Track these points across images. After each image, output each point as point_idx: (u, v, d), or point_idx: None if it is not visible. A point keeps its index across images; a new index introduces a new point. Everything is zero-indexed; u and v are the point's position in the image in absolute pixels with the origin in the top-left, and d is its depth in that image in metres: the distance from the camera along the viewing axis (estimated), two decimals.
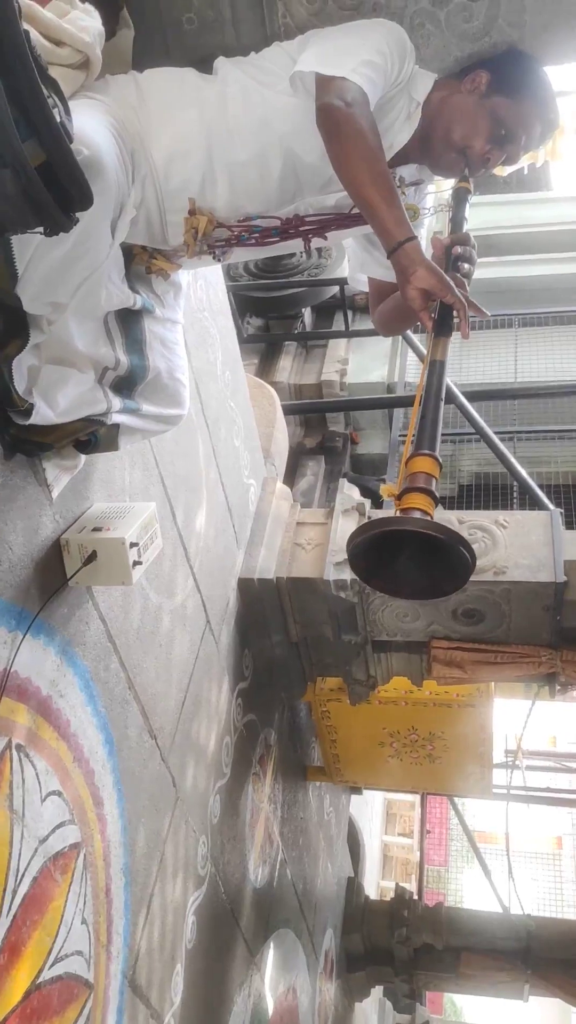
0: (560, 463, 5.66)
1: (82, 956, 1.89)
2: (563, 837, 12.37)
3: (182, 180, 1.64)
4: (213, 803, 2.90)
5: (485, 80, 1.75)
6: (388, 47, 1.65)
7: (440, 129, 1.75)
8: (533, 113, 1.75)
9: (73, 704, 1.89)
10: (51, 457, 1.78)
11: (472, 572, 1.43)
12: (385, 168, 1.57)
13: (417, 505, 1.42)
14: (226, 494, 3.15)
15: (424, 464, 1.47)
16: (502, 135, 1.74)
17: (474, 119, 1.73)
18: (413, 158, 1.83)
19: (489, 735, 4.20)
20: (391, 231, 1.54)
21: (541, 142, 1.82)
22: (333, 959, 5.05)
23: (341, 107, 1.55)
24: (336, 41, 1.69)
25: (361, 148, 1.54)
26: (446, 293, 1.54)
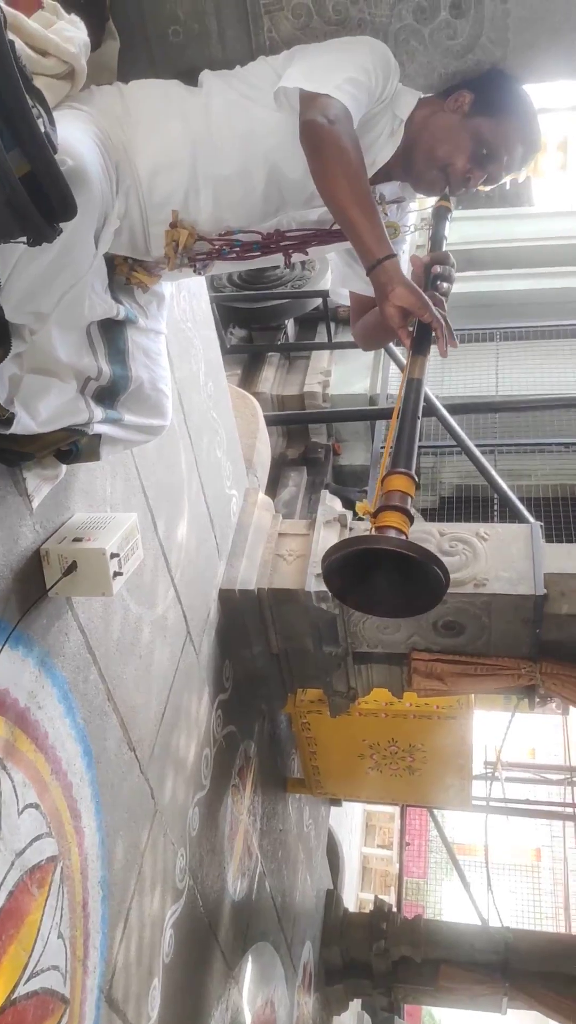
0: (540, 476, 5.68)
1: (58, 971, 1.87)
2: (542, 849, 12.38)
3: (166, 192, 1.65)
4: (192, 815, 2.89)
5: (468, 100, 1.76)
6: (372, 65, 1.66)
7: (423, 147, 1.76)
8: (515, 134, 1.76)
9: (51, 716, 1.87)
10: (32, 467, 1.77)
11: (445, 591, 1.44)
12: (366, 186, 1.58)
13: (392, 523, 1.43)
14: (208, 505, 3.15)
15: (399, 482, 1.48)
16: (483, 155, 1.75)
17: (456, 138, 1.74)
18: (396, 175, 1.84)
19: (469, 747, 4.20)
20: (371, 248, 1.55)
21: (523, 163, 1.83)
22: (311, 972, 5.03)
23: (324, 124, 1.56)
24: (321, 57, 1.70)
25: (343, 165, 1.55)
26: (424, 311, 1.55)
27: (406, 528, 1.43)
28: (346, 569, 1.46)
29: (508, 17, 1.85)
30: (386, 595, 1.51)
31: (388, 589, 1.49)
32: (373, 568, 1.47)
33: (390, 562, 1.43)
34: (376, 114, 1.73)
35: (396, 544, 1.38)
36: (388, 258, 1.55)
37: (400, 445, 1.53)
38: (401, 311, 1.56)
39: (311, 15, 1.87)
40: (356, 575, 1.48)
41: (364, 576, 1.48)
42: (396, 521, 1.43)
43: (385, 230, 1.59)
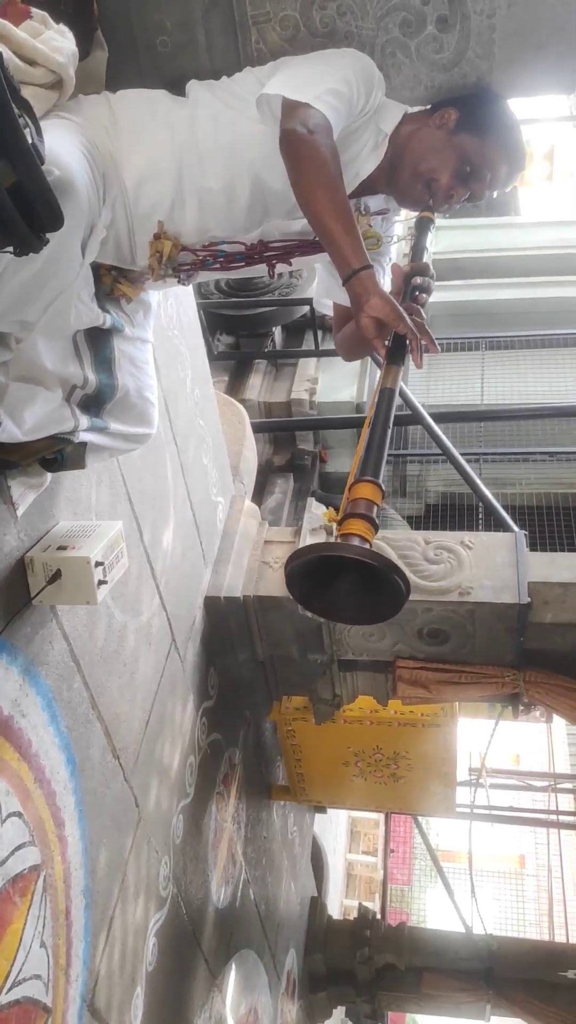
0: (525, 485, 5.72)
1: (40, 980, 1.86)
2: (526, 856, 12.40)
3: (151, 202, 1.65)
4: (176, 823, 2.88)
5: (454, 117, 1.77)
6: (355, 77, 1.67)
7: (407, 162, 1.77)
8: (499, 153, 1.77)
9: (35, 724, 1.87)
10: (17, 475, 1.77)
11: (405, 599, 1.44)
12: (343, 196, 1.58)
13: (356, 531, 1.44)
14: (194, 512, 3.15)
15: (366, 491, 1.49)
16: (467, 172, 1.76)
17: (441, 154, 1.75)
18: (380, 188, 1.85)
19: (453, 754, 4.21)
20: (347, 258, 1.56)
21: (507, 182, 1.84)
22: (295, 980, 5.02)
23: (303, 134, 1.56)
24: (304, 68, 1.70)
25: (321, 175, 1.56)
26: (399, 323, 1.56)
27: (370, 536, 1.44)
28: (310, 576, 1.46)
29: (494, 32, 1.86)
30: (349, 602, 1.51)
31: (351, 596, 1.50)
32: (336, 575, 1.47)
33: (352, 570, 1.43)
34: (359, 127, 1.74)
35: (357, 552, 1.38)
36: (364, 269, 1.55)
37: (369, 454, 1.54)
38: (376, 322, 1.56)
39: (298, 27, 1.88)
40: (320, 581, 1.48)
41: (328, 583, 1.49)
42: (360, 529, 1.44)
43: (362, 241, 1.59)
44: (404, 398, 4.90)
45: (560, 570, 3.09)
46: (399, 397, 1.70)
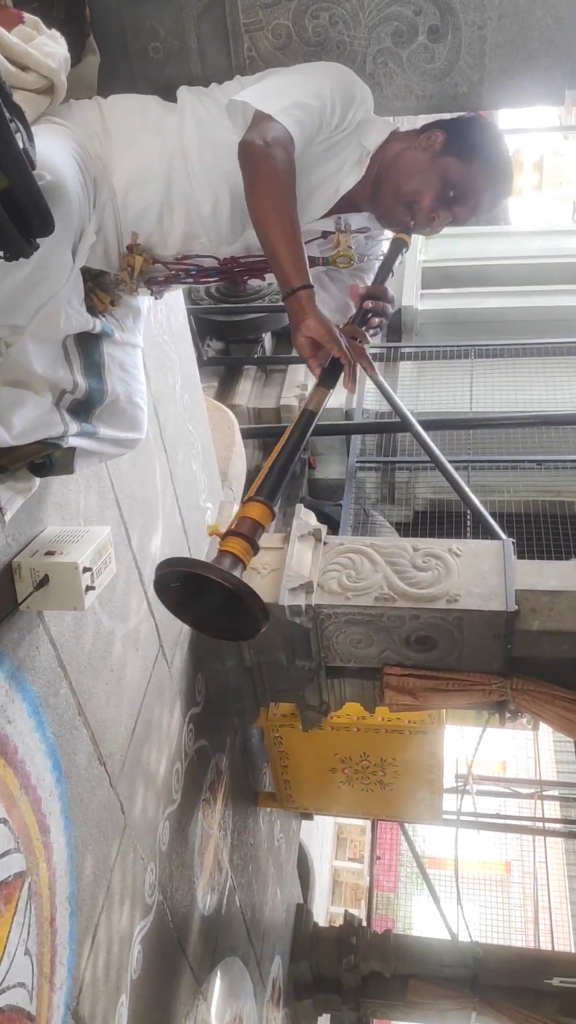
0: (513, 492, 5.74)
1: (24, 988, 1.85)
2: (512, 863, 12.40)
3: (139, 208, 1.65)
4: (162, 830, 2.87)
5: (440, 139, 1.76)
6: (330, 91, 1.65)
7: (390, 181, 1.76)
8: (484, 179, 1.76)
9: (21, 730, 1.86)
10: (5, 479, 1.77)
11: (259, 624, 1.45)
12: (291, 214, 1.57)
13: (233, 550, 1.45)
14: (183, 517, 3.14)
15: (256, 511, 1.49)
16: (451, 196, 1.76)
17: (424, 176, 1.74)
18: (363, 206, 1.84)
19: (440, 762, 4.21)
20: (287, 276, 1.56)
21: (490, 208, 1.83)
22: (281, 987, 5.00)
23: (260, 145, 1.56)
24: (279, 79, 1.70)
25: (271, 189, 1.55)
26: (332, 345, 1.55)
27: (246, 557, 1.45)
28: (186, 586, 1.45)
29: (485, 43, 1.88)
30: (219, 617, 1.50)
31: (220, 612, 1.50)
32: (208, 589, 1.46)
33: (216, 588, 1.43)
34: (338, 142, 1.72)
35: (215, 573, 1.38)
36: (303, 288, 1.55)
37: (270, 475, 1.54)
38: (311, 342, 1.56)
39: (291, 36, 1.89)
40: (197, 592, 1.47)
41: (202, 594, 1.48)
42: (237, 548, 1.45)
43: (306, 260, 1.58)
44: (393, 405, 4.91)
45: (548, 578, 3.10)
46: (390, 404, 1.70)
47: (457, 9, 1.85)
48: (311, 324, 1.54)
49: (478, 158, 1.75)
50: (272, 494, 1.52)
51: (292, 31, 1.88)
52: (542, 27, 1.86)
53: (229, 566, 1.42)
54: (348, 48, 1.90)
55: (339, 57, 1.90)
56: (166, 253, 1.74)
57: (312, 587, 3.17)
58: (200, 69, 1.95)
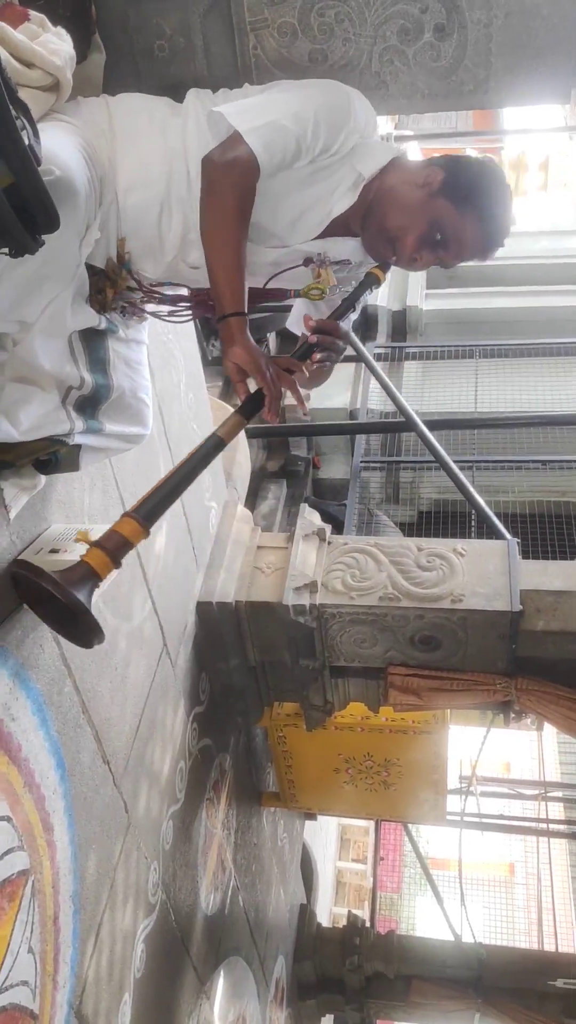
0: (517, 493, 5.73)
1: (28, 986, 1.85)
2: (515, 864, 12.39)
3: (139, 209, 1.65)
4: (166, 829, 2.87)
5: (440, 179, 1.70)
6: (314, 115, 1.61)
7: (378, 212, 1.72)
8: (473, 230, 1.71)
9: (25, 728, 1.86)
10: (9, 477, 1.77)
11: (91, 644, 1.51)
12: (237, 237, 1.57)
13: (91, 561, 1.47)
14: (186, 516, 3.14)
15: (128, 528, 1.51)
16: (436, 239, 1.71)
17: (414, 214, 1.69)
18: (355, 231, 1.80)
19: (443, 762, 4.21)
20: (222, 300, 1.57)
21: (477, 258, 1.77)
22: (284, 987, 5.00)
23: (216, 164, 1.56)
24: (267, 96, 1.67)
25: (219, 211, 1.56)
26: (256, 375, 1.56)
27: (103, 572, 1.48)
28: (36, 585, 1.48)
29: (491, 41, 1.88)
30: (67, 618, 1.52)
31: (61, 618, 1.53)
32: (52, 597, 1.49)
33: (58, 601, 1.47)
34: (328, 165, 1.68)
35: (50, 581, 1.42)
36: (235, 315, 1.56)
37: (156, 495, 1.55)
38: (237, 368, 1.57)
39: (296, 33, 1.89)
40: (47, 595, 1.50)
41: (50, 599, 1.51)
42: (96, 562, 1.47)
43: (243, 286, 1.58)
44: (398, 405, 4.91)
45: (552, 578, 3.10)
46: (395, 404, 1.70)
47: (463, 7, 1.85)
48: (237, 351, 1.55)
49: (472, 207, 1.69)
50: (151, 515, 1.53)
51: (298, 29, 1.88)
52: (548, 25, 1.86)
53: (78, 579, 1.45)
54: (354, 46, 1.89)
55: (344, 55, 1.90)
56: (160, 263, 1.73)
57: (316, 587, 3.17)
58: (206, 67, 1.94)
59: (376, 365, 5.50)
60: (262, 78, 1.93)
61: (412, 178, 1.72)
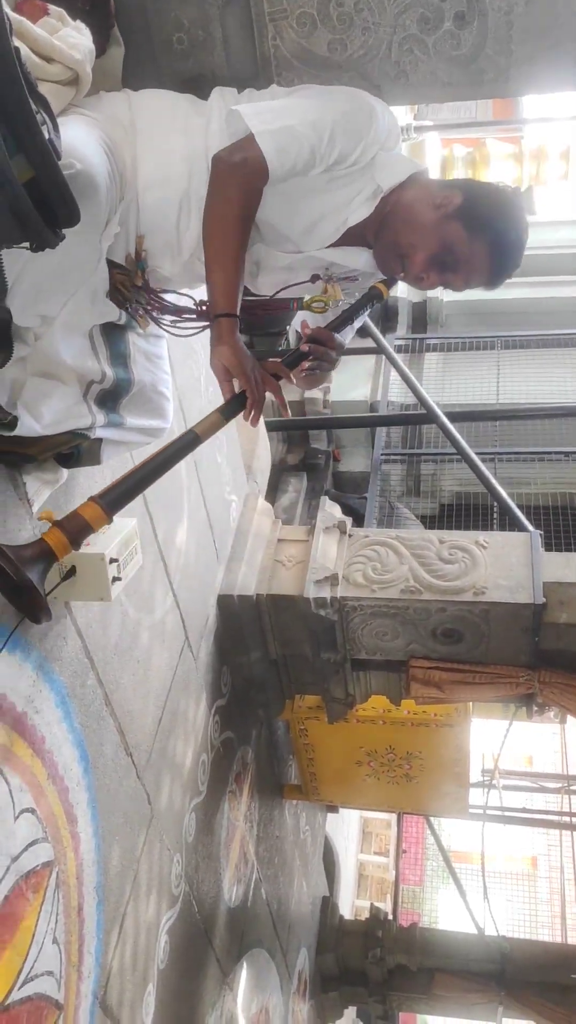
0: (540, 484, 5.68)
1: (53, 976, 1.87)
2: (538, 857, 12.35)
3: (158, 207, 1.64)
4: (188, 821, 2.88)
5: (456, 202, 1.68)
6: (332, 125, 1.59)
7: (392, 227, 1.71)
8: (483, 258, 1.69)
9: (49, 721, 1.87)
10: (32, 471, 1.78)
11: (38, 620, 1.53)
12: (236, 238, 1.57)
13: (50, 541, 1.48)
14: (207, 510, 3.15)
15: (91, 512, 1.51)
16: (444, 261, 1.69)
17: (425, 234, 1.67)
18: (369, 243, 1.79)
19: (466, 755, 4.20)
20: (216, 300, 1.58)
21: (483, 286, 1.77)
22: (306, 979, 5.01)
23: (225, 163, 1.56)
24: (288, 100, 1.66)
25: (222, 211, 1.56)
26: (241, 378, 1.57)
27: (60, 553, 1.49)
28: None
29: (512, 28, 1.86)
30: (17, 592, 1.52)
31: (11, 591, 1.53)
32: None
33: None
34: (346, 175, 1.68)
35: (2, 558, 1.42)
36: (226, 316, 1.57)
37: (124, 483, 1.56)
38: (222, 367, 1.58)
39: (315, 24, 1.88)
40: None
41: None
42: (54, 541, 1.48)
43: (238, 288, 1.58)
44: (419, 397, 4.89)
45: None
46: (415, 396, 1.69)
47: None
48: (224, 351, 1.56)
49: (484, 235, 1.67)
50: (115, 503, 1.54)
51: (317, 19, 1.86)
52: (571, 10, 1.83)
53: (33, 556, 1.46)
54: (373, 35, 1.88)
55: (364, 44, 1.88)
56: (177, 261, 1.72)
57: (337, 579, 3.16)
58: (225, 59, 1.94)
59: (396, 357, 5.48)
60: (281, 69, 1.92)
61: (429, 197, 1.70)
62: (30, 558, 1.46)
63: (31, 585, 1.43)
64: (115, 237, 1.58)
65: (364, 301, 1.80)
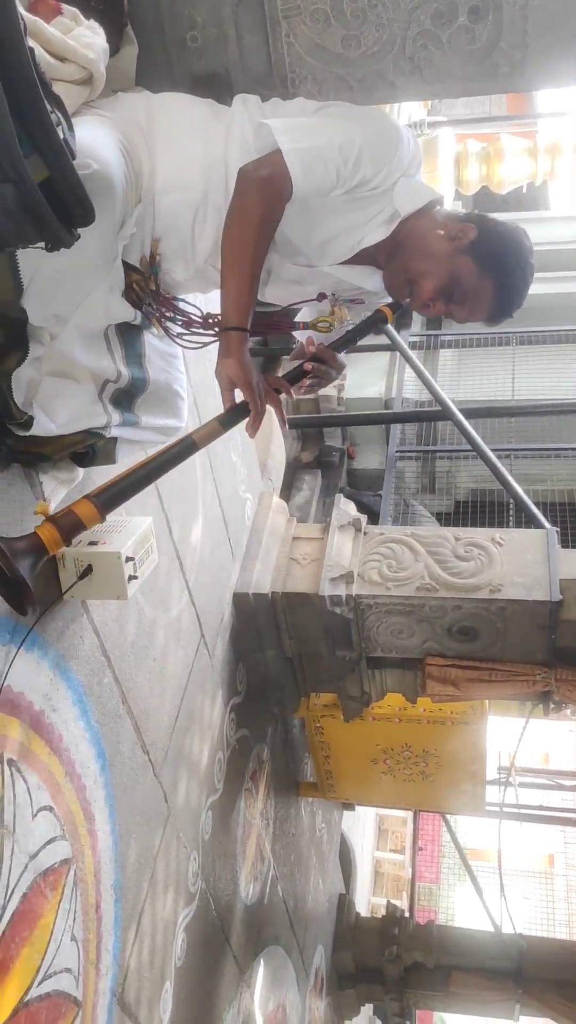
0: (556, 481, 5.66)
1: (71, 973, 1.87)
2: (555, 855, 12.31)
3: (173, 211, 1.64)
4: (205, 819, 2.89)
5: (471, 237, 1.71)
6: (358, 150, 1.61)
7: (405, 253, 1.73)
8: (489, 295, 1.73)
9: (66, 719, 1.88)
10: (48, 469, 1.78)
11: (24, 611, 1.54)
12: (254, 253, 1.59)
13: (42, 535, 1.49)
14: (222, 508, 3.15)
15: (85, 510, 1.53)
16: (452, 293, 1.72)
17: (438, 264, 1.70)
18: (380, 264, 1.81)
19: (482, 753, 4.18)
20: (227, 312, 1.60)
21: (486, 322, 1.80)
22: (323, 977, 5.02)
23: (251, 177, 1.57)
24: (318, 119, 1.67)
25: (243, 224, 1.57)
26: (246, 391, 1.59)
27: (52, 548, 1.50)
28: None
29: (527, 22, 1.85)
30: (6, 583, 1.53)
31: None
32: None
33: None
34: (366, 196, 1.69)
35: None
36: (235, 329, 1.59)
37: (120, 483, 1.58)
38: (228, 379, 1.59)
39: (329, 20, 1.87)
40: None
41: None
42: (47, 536, 1.49)
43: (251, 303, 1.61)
44: (433, 393, 4.87)
45: None
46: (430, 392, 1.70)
47: None
48: (231, 364, 1.58)
49: (493, 273, 1.70)
50: (109, 503, 1.56)
51: (330, 15, 1.86)
52: None
53: (25, 549, 1.47)
54: (387, 31, 1.87)
55: (378, 40, 1.88)
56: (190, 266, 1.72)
57: (352, 577, 3.16)
58: (238, 56, 1.93)
59: (411, 353, 5.46)
60: (295, 66, 1.92)
61: (444, 228, 1.73)
62: (22, 551, 1.48)
63: (23, 581, 1.44)
64: (131, 238, 1.58)
65: (368, 324, 1.83)
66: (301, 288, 1.82)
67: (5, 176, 1.07)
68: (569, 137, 8.06)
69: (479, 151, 7.49)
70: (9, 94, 1.04)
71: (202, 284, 1.80)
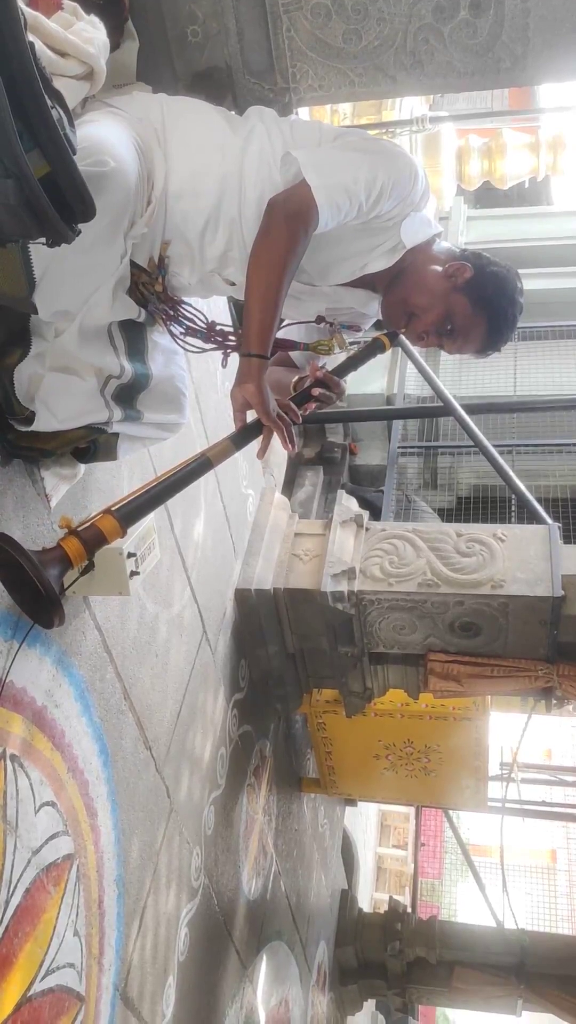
0: (559, 477, 5.64)
1: (74, 968, 1.88)
2: (557, 851, 12.32)
3: (184, 217, 1.65)
4: (207, 814, 2.89)
5: (466, 277, 1.78)
6: (383, 186, 1.66)
7: (404, 285, 1.79)
8: (480, 333, 1.80)
9: (68, 714, 1.88)
10: (50, 466, 1.78)
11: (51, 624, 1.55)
12: (280, 284, 1.61)
13: (67, 548, 1.52)
14: (224, 504, 3.15)
15: (108, 526, 1.57)
16: (446, 329, 1.79)
17: (435, 300, 1.77)
18: (378, 291, 1.86)
19: (485, 748, 4.19)
20: (250, 340, 1.62)
21: (473, 356, 1.89)
22: (326, 972, 5.03)
23: (281, 211, 1.60)
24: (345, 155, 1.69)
25: (272, 256, 1.60)
26: (263, 415, 1.63)
27: (76, 561, 1.53)
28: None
29: (528, 16, 1.84)
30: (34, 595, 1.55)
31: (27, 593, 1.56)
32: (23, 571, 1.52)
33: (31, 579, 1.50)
34: (376, 227, 1.74)
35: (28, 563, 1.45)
36: (257, 356, 1.61)
37: (140, 499, 1.63)
38: (243, 400, 1.63)
39: (330, 14, 1.87)
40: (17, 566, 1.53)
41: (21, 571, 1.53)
42: (71, 549, 1.53)
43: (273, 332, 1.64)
44: (435, 389, 4.86)
45: None
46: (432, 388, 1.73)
47: None
48: (251, 389, 1.61)
49: (485, 314, 1.78)
50: (129, 517, 1.60)
51: (331, 9, 1.86)
52: None
53: (51, 561, 1.49)
54: (388, 25, 1.87)
55: (379, 35, 1.87)
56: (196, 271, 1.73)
57: (354, 573, 3.16)
58: (239, 51, 1.93)
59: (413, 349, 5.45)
60: (296, 60, 1.91)
61: (442, 265, 1.79)
62: (49, 563, 1.49)
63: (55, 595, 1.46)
64: (141, 238, 1.58)
65: (367, 352, 1.90)
66: (298, 304, 1.86)
67: (6, 171, 1.06)
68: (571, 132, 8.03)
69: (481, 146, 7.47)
70: (9, 89, 1.03)
71: (205, 291, 1.84)
